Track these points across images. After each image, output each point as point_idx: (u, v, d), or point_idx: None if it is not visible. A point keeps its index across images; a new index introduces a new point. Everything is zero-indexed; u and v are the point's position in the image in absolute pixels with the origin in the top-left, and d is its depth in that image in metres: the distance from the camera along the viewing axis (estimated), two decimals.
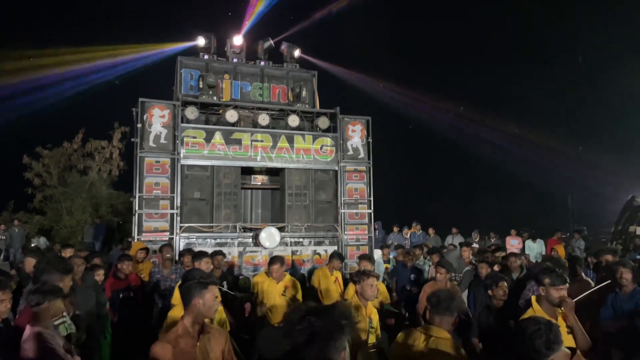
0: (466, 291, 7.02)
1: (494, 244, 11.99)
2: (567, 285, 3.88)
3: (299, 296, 6.22)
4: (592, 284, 5.45)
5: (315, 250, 9.86)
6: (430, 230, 15.21)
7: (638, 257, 7.40)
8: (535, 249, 13.24)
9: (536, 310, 3.65)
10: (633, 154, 22.64)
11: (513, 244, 13.76)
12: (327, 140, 10.32)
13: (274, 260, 6.18)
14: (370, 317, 4.56)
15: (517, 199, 25.27)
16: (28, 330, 3.35)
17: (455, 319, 3.35)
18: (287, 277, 6.30)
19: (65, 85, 20.76)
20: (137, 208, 8.98)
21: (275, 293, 6.04)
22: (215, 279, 3.17)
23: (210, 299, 2.97)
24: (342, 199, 10.29)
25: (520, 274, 7.01)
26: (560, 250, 10.87)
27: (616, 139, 23.63)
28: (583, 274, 6.47)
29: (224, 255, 7.38)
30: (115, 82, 20.27)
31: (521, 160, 26.41)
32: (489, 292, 5.10)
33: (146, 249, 8.02)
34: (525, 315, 3.71)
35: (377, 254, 10.72)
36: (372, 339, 4.51)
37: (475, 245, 12.83)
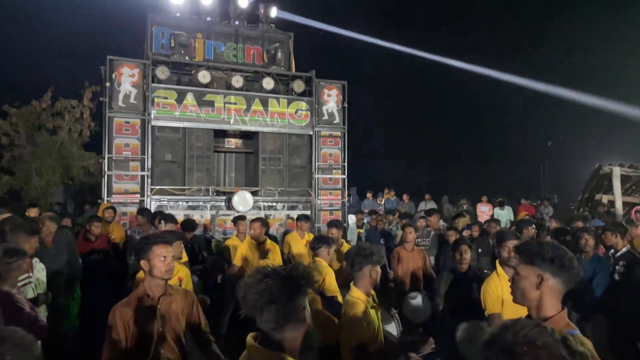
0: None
1: (463, 211, 12.23)
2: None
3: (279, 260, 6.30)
4: None
5: (288, 215, 9.89)
6: (405, 197, 15.38)
7: (601, 224, 7.65)
8: (504, 216, 13.54)
9: (500, 273, 3.73)
10: (600, 127, 23.18)
11: (484, 210, 14.04)
12: (302, 105, 10.21)
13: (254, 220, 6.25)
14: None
15: (492, 166, 25.72)
16: None
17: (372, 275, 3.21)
18: (268, 241, 6.36)
19: (33, 41, 19.92)
20: (106, 169, 8.81)
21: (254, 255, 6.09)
22: (168, 236, 3.08)
23: (155, 260, 2.85)
24: (316, 164, 10.28)
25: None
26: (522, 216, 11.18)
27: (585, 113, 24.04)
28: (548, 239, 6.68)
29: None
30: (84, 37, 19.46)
31: (496, 130, 26.76)
32: (456, 256, 5.25)
33: (113, 208, 7.91)
34: (489, 279, 3.80)
35: (351, 219, 10.84)
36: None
37: (445, 212, 13.10)
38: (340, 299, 4.35)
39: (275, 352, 1.71)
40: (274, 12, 10.88)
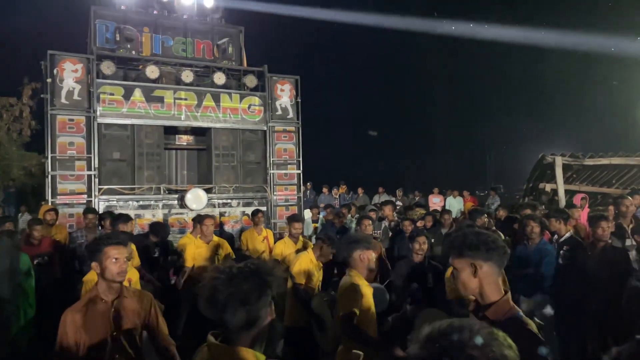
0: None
1: (417, 202, 12.52)
2: None
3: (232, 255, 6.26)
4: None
5: (244, 212, 9.77)
6: (359, 190, 15.57)
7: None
8: (456, 205, 13.97)
9: None
10: (546, 117, 24.28)
11: (435, 201, 14.44)
12: (255, 100, 10.09)
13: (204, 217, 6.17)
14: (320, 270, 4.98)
15: (440, 158, 26.44)
16: None
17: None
18: (215, 237, 6.28)
19: None
20: (49, 169, 8.39)
21: (206, 254, 6.00)
22: (122, 237, 2.96)
23: (108, 262, 2.74)
24: (271, 159, 10.20)
25: (450, 229, 7.41)
26: (468, 207, 11.59)
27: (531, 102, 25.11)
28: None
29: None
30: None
31: (443, 121, 27.52)
32: (412, 245, 5.36)
33: (55, 210, 7.56)
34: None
35: (307, 214, 10.84)
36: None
37: (399, 203, 13.35)
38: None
39: (242, 349, 1.70)
40: (221, 5, 10.62)
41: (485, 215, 6.98)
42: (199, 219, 6.38)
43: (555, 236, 5.57)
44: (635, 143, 13.87)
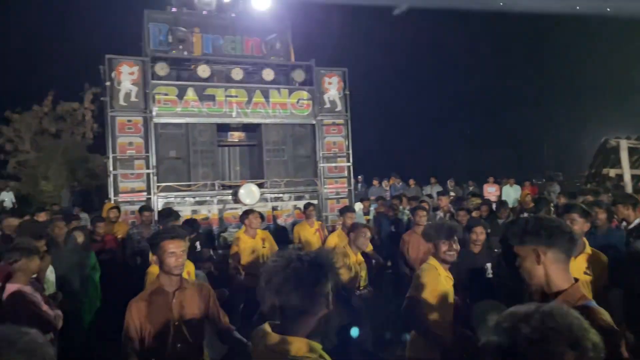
0: None
1: (472, 192, 12.18)
2: None
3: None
4: None
5: (295, 205, 9.86)
6: (411, 181, 15.34)
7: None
8: (512, 194, 13.48)
9: None
10: (607, 101, 22.94)
11: (490, 191, 13.96)
12: (304, 94, 10.14)
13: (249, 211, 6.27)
14: (360, 265, 4.75)
15: (494, 147, 25.58)
16: (7, 289, 3.40)
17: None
18: (260, 231, 6.38)
19: (29, 45, 19.88)
20: (111, 169, 8.81)
21: (252, 247, 6.11)
22: (179, 231, 3.04)
23: (165, 255, 2.84)
24: (321, 152, 10.23)
25: (507, 219, 7.18)
26: (528, 196, 11.09)
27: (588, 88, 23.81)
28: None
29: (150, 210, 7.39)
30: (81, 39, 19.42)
31: (498, 109, 26.59)
32: (468, 236, 5.22)
33: (117, 208, 7.93)
34: None
35: (358, 206, 10.80)
36: (362, 283, 4.76)
37: (452, 194, 13.04)
38: None
39: (299, 338, 1.70)
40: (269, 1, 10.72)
41: (551, 204, 6.68)
42: (243, 215, 6.48)
43: (624, 223, 5.26)
44: None
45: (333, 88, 10.43)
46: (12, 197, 16.42)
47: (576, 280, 2.02)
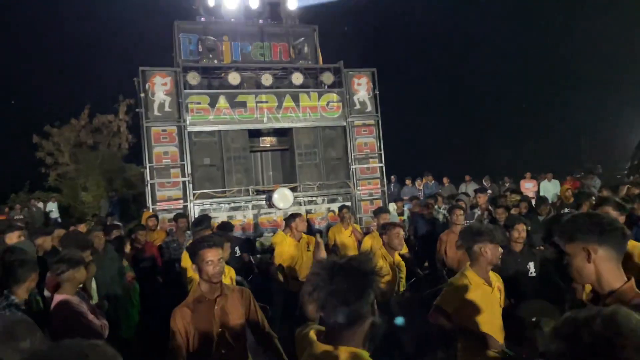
0: None
1: (509, 188, 11.90)
2: None
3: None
4: None
5: (329, 208, 9.85)
6: (445, 180, 15.11)
7: None
8: (551, 189, 13.12)
9: None
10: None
11: (528, 187, 13.65)
12: (333, 96, 10.13)
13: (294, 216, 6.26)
14: (398, 267, 4.64)
15: (529, 141, 24.97)
16: (55, 299, 3.49)
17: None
18: (304, 235, 6.38)
19: (63, 61, 20.56)
20: (148, 178, 9.01)
21: (300, 249, 6.12)
22: (216, 240, 3.08)
23: (203, 264, 2.90)
24: (353, 154, 10.18)
25: (548, 215, 6.98)
26: (569, 190, 10.72)
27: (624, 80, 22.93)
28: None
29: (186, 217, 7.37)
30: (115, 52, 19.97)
31: (532, 101, 25.93)
32: (509, 234, 5.08)
33: (155, 216, 8.10)
34: None
35: (391, 207, 10.70)
36: (401, 287, 4.63)
37: (489, 191, 12.76)
38: None
39: (346, 347, 1.67)
40: (293, 3, 10.76)
41: (593, 197, 6.45)
42: (290, 218, 6.48)
43: None
44: None
45: (362, 89, 10.38)
46: (56, 207, 17.05)
47: (629, 278, 1.93)
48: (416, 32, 24.56)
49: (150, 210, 8.82)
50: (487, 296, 3.30)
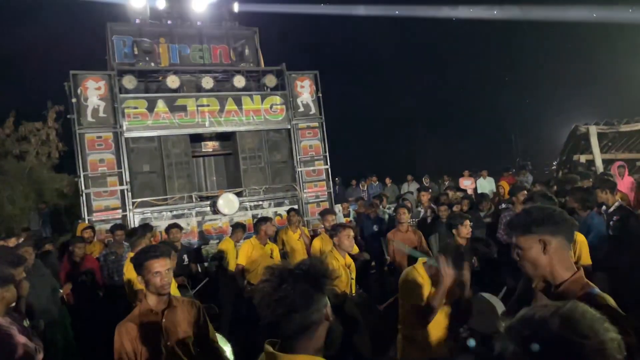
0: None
1: (449, 186, 12.29)
2: None
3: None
4: None
5: (276, 212, 9.74)
6: (387, 180, 15.40)
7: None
8: (487, 186, 13.67)
9: None
10: (575, 87, 23.59)
11: (466, 184, 14.14)
12: (277, 99, 10.05)
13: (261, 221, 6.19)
14: (349, 268, 4.61)
15: (464, 140, 26.02)
16: None
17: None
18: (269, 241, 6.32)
19: None
20: (83, 188, 8.53)
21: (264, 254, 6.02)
22: (163, 249, 2.92)
23: (150, 276, 2.75)
24: (298, 157, 10.14)
25: (489, 211, 7.24)
26: (506, 187, 11.25)
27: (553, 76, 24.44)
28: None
29: (180, 228, 7.11)
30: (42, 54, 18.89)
31: (463, 102, 27.06)
32: (453, 231, 5.21)
33: (91, 228, 7.67)
34: None
35: (337, 208, 10.75)
36: (353, 289, 4.59)
37: (430, 190, 13.12)
38: None
39: (301, 356, 1.60)
40: (235, 7, 10.64)
41: (525, 192, 6.76)
42: (260, 222, 6.32)
43: (604, 207, 5.35)
44: None
45: (305, 91, 10.36)
46: None
47: (578, 268, 2.00)
48: (354, 33, 24.96)
49: (86, 222, 8.35)
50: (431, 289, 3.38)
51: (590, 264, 3.99)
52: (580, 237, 3.90)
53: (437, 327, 3.40)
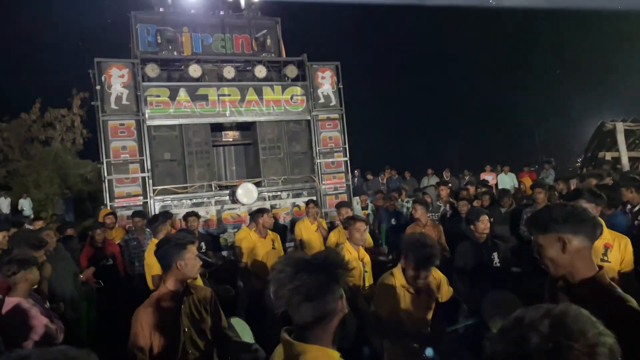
0: None
1: (469, 181, 12.15)
2: None
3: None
4: None
5: (294, 203, 9.77)
6: (406, 174, 15.31)
7: None
8: (508, 182, 13.49)
9: None
10: (601, 86, 23.03)
11: (487, 179, 13.96)
12: (297, 90, 10.03)
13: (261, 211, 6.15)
14: (363, 261, 4.58)
15: (487, 135, 25.65)
16: (6, 302, 3.32)
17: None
18: (270, 231, 6.30)
19: (14, 53, 19.57)
20: (105, 174, 8.66)
21: (263, 247, 6.03)
22: (193, 237, 3.02)
23: (191, 259, 2.85)
24: (317, 148, 10.12)
25: (510, 207, 7.14)
26: (527, 182, 11.08)
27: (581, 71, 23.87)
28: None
29: (197, 216, 7.19)
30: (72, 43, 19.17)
31: (488, 96, 26.63)
32: (471, 227, 5.14)
33: (113, 214, 7.80)
34: None
35: (355, 201, 10.73)
36: (367, 282, 4.55)
37: (450, 184, 12.99)
38: None
39: (315, 346, 1.61)
40: None
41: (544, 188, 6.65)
42: (257, 213, 6.36)
43: (629, 206, 5.23)
44: None
45: (326, 82, 10.31)
46: (8, 204, 16.20)
47: (600, 267, 1.95)
48: (378, 25, 24.73)
49: (108, 208, 8.50)
50: (411, 296, 3.33)
51: (632, 269, 3.81)
52: (624, 241, 3.71)
53: (418, 328, 3.36)
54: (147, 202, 8.75)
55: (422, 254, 3.21)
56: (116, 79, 8.78)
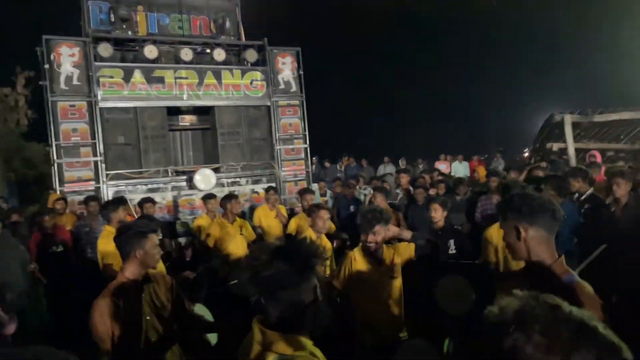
0: None
1: (424, 169, 12.44)
2: None
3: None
4: None
5: (253, 189, 9.70)
6: (364, 162, 15.47)
7: None
8: (461, 170, 13.89)
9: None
10: (551, 75, 23.96)
11: (442, 168, 14.32)
12: (257, 75, 9.89)
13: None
14: (324, 249, 4.58)
15: (441, 124, 26.26)
16: None
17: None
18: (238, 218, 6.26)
19: None
20: (55, 157, 8.28)
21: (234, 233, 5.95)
22: (155, 226, 2.99)
23: (152, 248, 2.82)
24: (277, 135, 10.05)
25: (465, 195, 7.33)
26: (481, 171, 11.48)
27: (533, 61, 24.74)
28: None
29: (153, 202, 7.02)
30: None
31: (440, 85, 27.20)
32: (430, 213, 5.27)
33: (63, 199, 7.49)
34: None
35: (314, 188, 10.76)
36: (328, 270, 4.56)
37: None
38: None
39: (289, 335, 1.60)
40: None
41: (496, 178, 6.89)
42: (226, 199, 6.27)
43: (576, 195, 5.49)
44: None
45: (287, 68, 10.22)
46: None
47: (559, 255, 2.04)
48: (336, 10, 24.65)
49: (58, 192, 8.14)
50: (371, 272, 3.51)
51: None
52: None
53: (390, 309, 3.51)
54: (99, 187, 8.45)
55: (364, 217, 3.61)
56: (66, 58, 8.36)
